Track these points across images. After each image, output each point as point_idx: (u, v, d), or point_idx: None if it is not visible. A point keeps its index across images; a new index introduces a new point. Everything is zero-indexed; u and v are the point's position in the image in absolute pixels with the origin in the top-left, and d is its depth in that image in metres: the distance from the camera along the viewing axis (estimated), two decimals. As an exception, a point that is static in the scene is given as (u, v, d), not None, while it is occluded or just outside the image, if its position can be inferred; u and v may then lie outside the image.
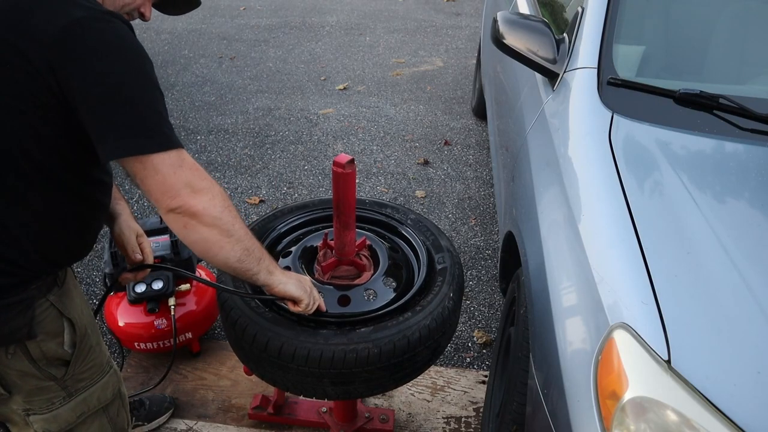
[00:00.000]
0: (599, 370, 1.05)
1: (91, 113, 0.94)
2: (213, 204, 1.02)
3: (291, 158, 3.62)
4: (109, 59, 0.94)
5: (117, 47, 0.95)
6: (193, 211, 1.00)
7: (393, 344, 1.28)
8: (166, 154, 0.97)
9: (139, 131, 0.96)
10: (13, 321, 1.04)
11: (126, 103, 0.95)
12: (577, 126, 1.57)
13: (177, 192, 0.98)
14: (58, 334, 1.13)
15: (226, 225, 1.04)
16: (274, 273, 1.19)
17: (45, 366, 1.12)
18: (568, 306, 1.24)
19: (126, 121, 0.95)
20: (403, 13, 6.72)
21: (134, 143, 0.95)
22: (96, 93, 0.93)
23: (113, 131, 0.95)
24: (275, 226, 1.64)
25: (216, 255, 1.06)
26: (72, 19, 0.92)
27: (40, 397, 1.15)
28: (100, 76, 0.93)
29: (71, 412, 1.20)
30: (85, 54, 0.92)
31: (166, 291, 1.96)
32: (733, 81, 1.76)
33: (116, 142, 0.95)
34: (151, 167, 0.96)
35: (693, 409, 0.94)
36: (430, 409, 1.99)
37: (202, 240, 1.03)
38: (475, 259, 2.79)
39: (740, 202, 1.32)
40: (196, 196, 1.00)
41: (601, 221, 1.28)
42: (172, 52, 5.38)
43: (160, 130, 0.98)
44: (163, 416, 1.90)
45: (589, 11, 1.82)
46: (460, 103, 4.43)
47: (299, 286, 1.24)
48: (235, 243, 1.06)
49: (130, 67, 0.96)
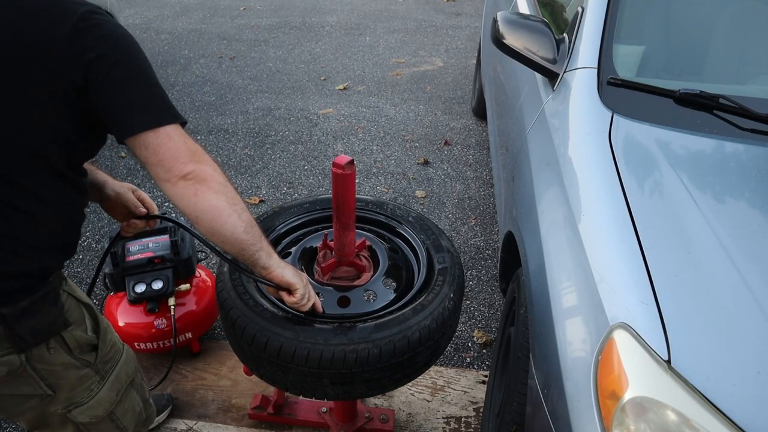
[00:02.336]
0: (599, 370, 1.05)
1: (110, 97, 1.01)
2: (218, 172, 1.08)
3: (291, 158, 3.62)
4: (118, 47, 1.02)
5: (121, 35, 1.03)
6: (203, 176, 1.04)
7: (393, 344, 1.28)
8: (175, 126, 1.05)
9: (154, 106, 1.04)
10: (51, 311, 1.10)
11: (139, 83, 1.03)
12: (577, 126, 1.57)
13: (188, 158, 1.04)
14: (82, 321, 1.19)
15: (232, 192, 1.09)
16: (273, 256, 1.21)
17: (80, 354, 1.18)
18: (568, 306, 1.24)
19: (140, 99, 1.03)
20: (403, 13, 6.73)
21: (150, 117, 1.02)
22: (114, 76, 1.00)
23: (131, 110, 1.02)
24: (275, 226, 1.64)
25: (224, 224, 1.08)
26: (80, 14, 0.99)
27: (81, 387, 1.20)
28: (115, 62, 1.00)
29: (110, 392, 1.26)
30: (98, 45, 0.99)
31: (166, 291, 1.96)
32: (733, 81, 1.76)
33: (135, 118, 1.02)
34: (165, 135, 1.02)
35: (693, 409, 0.94)
36: (430, 409, 1.99)
37: (212, 207, 1.06)
38: (475, 259, 2.79)
39: (740, 202, 1.32)
40: (203, 164, 1.05)
41: (601, 221, 1.28)
42: (172, 52, 5.38)
43: (168, 104, 1.06)
44: (162, 414, 1.90)
45: (589, 11, 1.82)
46: (460, 103, 4.43)
47: (296, 275, 1.25)
48: (242, 212, 1.10)
49: (134, 51, 1.04)
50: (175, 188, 1.04)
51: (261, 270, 1.21)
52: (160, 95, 1.06)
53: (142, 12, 6.61)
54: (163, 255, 1.98)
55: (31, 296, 1.06)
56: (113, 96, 1.01)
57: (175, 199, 1.05)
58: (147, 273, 1.98)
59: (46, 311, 1.09)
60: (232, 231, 1.09)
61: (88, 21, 0.99)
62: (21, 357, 1.08)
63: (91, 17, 1.00)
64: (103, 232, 2.89)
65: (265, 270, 1.21)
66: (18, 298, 1.04)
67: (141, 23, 6.22)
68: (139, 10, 6.69)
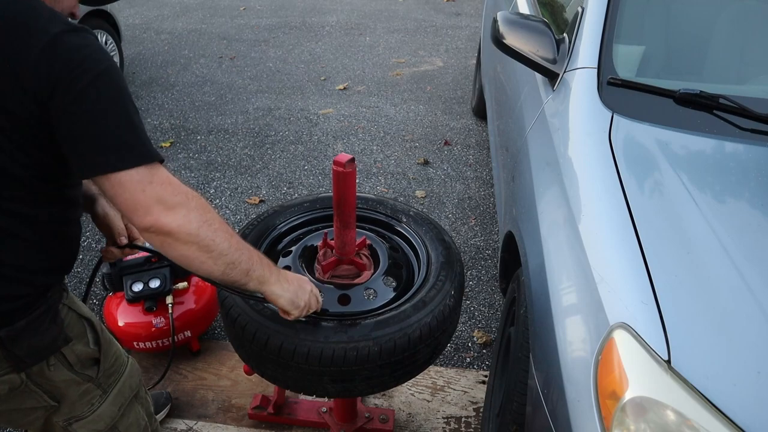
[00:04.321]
0: (599, 370, 1.05)
1: (68, 131, 0.92)
2: (188, 220, 0.96)
3: (291, 158, 3.62)
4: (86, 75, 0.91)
5: (93, 62, 0.92)
6: (166, 229, 0.95)
7: (393, 342, 1.28)
8: (134, 171, 0.92)
9: (115, 147, 0.92)
10: (50, 330, 1.06)
11: (103, 119, 0.92)
12: (577, 126, 1.57)
13: (147, 210, 0.93)
14: (83, 335, 1.16)
15: (205, 241, 0.99)
16: (265, 284, 1.14)
17: (81, 369, 1.15)
18: (568, 306, 1.24)
19: (100, 138, 0.92)
20: (403, 13, 6.73)
21: (105, 160, 0.92)
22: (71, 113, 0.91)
23: (88, 149, 0.93)
24: (276, 225, 1.64)
25: (198, 270, 1.03)
26: (50, 36, 0.90)
27: (82, 401, 1.18)
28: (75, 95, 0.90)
29: (111, 407, 1.23)
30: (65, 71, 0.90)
31: (164, 289, 1.96)
32: (733, 81, 1.76)
33: (90, 159, 0.93)
34: (117, 184, 0.92)
35: (693, 409, 0.94)
36: (430, 409, 1.99)
37: (181, 257, 1.00)
38: (475, 259, 2.79)
39: (740, 202, 1.32)
40: (169, 214, 0.94)
41: (601, 221, 1.28)
42: (172, 52, 5.38)
43: (135, 144, 0.94)
44: (161, 412, 1.90)
45: (589, 11, 1.82)
46: (460, 103, 4.43)
47: (291, 301, 1.19)
48: (217, 258, 1.02)
49: (105, 81, 0.93)
50: (142, 235, 0.97)
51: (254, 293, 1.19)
52: (123, 133, 0.93)
53: (142, 12, 6.61)
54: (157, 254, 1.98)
55: (29, 315, 1.02)
56: (69, 130, 0.92)
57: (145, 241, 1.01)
58: (144, 272, 1.98)
59: (45, 329, 1.05)
60: (208, 275, 1.04)
61: (59, 44, 0.89)
62: (21, 375, 1.06)
63: (63, 39, 0.90)
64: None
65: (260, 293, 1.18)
66: (15, 319, 1.00)
67: (141, 23, 6.21)
68: (139, 10, 6.69)
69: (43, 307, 1.05)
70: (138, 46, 5.56)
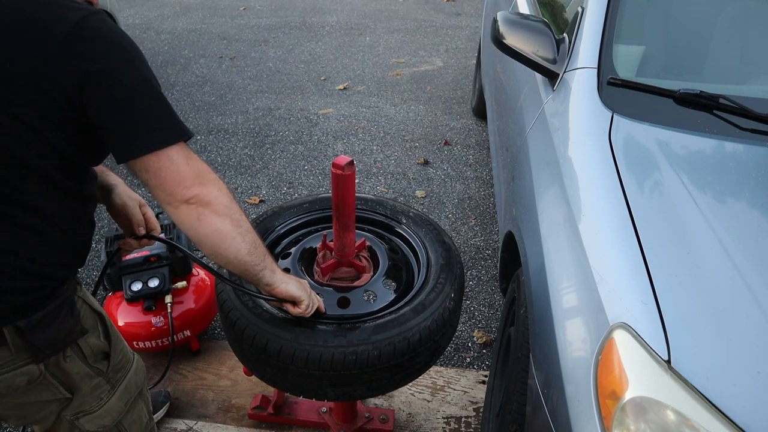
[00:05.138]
0: (599, 370, 1.05)
1: (107, 117, 0.95)
2: (223, 193, 1.03)
3: (291, 158, 3.62)
4: (115, 60, 0.94)
5: (118, 44, 0.95)
6: (207, 199, 1.00)
7: (393, 346, 1.28)
8: (179, 146, 0.98)
9: (155, 126, 0.97)
10: (67, 321, 1.08)
11: (139, 101, 0.96)
12: (577, 126, 1.57)
13: (192, 182, 0.99)
14: (95, 328, 1.18)
15: (236, 215, 1.05)
16: (276, 272, 1.19)
17: (93, 362, 1.17)
18: (568, 306, 1.24)
19: (140, 119, 0.96)
20: (403, 13, 6.73)
21: (150, 139, 0.96)
22: (110, 96, 0.94)
23: (129, 131, 0.96)
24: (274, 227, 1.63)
25: (228, 247, 1.05)
26: (72, 23, 0.91)
27: (92, 395, 1.19)
28: (112, 78, 0.93)
29: (119, 402, 1.24)
30: (93, 58, 0.91)
31: (162, 289, 1.96)
32: (733, 81, 1.76)
33: (134, 140, 0.96)
34: (166, 159, 0.97)
35: (693, 409, 0.94)
36: (430, 409, 1.99)
37: (215, 231, 1.03)
38: (475, 259, 2.79)
39: (740, 202, 1.32)
40: (206, 186, 1.01)
41: (601, 221, 1.28)
42: (172, 52, 5.38)
43: (171, 121, 0.99)
44: (160, 411, 1.90)
45: (589, 11, 1.81)
46: (460, 103, 4.42)
47: (300, 287, 1.25)
48: (245, 233, 1.07)
49: (134, 62, 0.96)
50: (178, 212, 1.01)
51: (265, 287, 1.20)
52: (162, 111, 0.98)
53: (142, 12, 6.61)
54: (159, 253, 1.98)
55: (46, 307, 1.04)
56: (110, 116, 0.94)
57: (178, 222, 1.03)
58: (143, 271, 1.99)
59: (63, 320, 1.07)
60: (235, 254, 1.07)
61: (81, 30, 0.91)
62: (40, 366, 1.07)
63: (84, 25, 0.91)
64: (103, 232, 2.89)
65: (269, 287, 1.20)
66: (33, 311, 1.02)
67: (141, 23, 6.21)
68: (139, 10, 6.69)
69: (60, 298, 1.06)
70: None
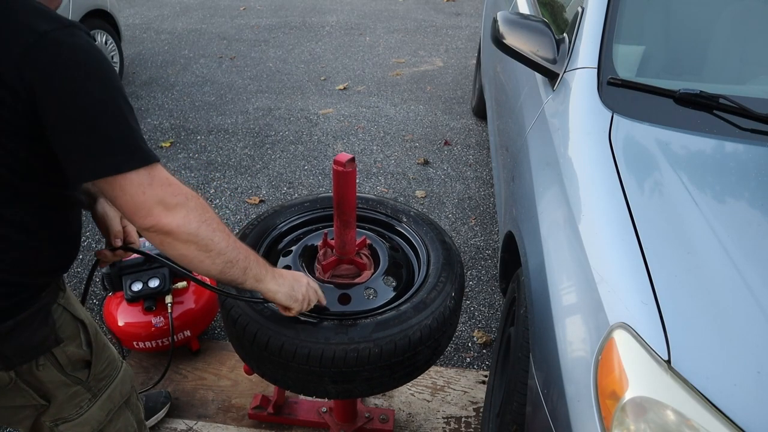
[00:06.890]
0: (599, 370, 1.05)
1: (61, 136, 0.90)
2: (188, 220, 0.98)
3: (291, 158, 3.62)
4: (76, 76, 0.88)
5: (83, 62, 0.89)
6: (166, 229, 0.96)
7: (394, 343, 1.28)
8: (135, 173, 0.92)
9: (111, 150, 0.91)
10: (40, 330, 1.06)
11: (96, 122, 0.90)
12: (577, 126, 1.57)
13: (148, 211, 0.95)
14: (76, 336, 1.15)
15: (204, 240, 1.01)
16: (262, 281, 1.16)
17: (71, 371, 1.15)
18: (568, 306, 1.24)
19: (95, 142, 0.91)
20: (403, 13, 6.73)
21: (103, 164, 0.91)
22: (63, 115, 0.89)
23: (84, 154, 0.91)
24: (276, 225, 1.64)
25: (196, 268, 1.05)
26: (38, 35, 0.86)
27: (70, 403, 1.17)
28: (68, 96, 0.88)
29: (100, 412, 1.22)
30: (51, 73, 0.87)
31: (163, 289, 1.96)
32: (733, 81, 1.76)
33: (87, 164, 0.92)
34: (118, 187, 0.93)
35: (693, 409, 0.94)
36: (430, 409, 1.99)
37: (181, 256, 1.01)
38: (475, 259, 2.79)
39: (740, 202, 1.32)
40: (169, 214, 0.96)
41: (601, 221, 1.28)
42: (172, 52, 5.38)
43: (131, 146, 0.93)
44: (160, 411, 1.90)
45: (589, 11, 1.82)
46: (460, 103, 4.43)
47: (289, 295, 1.21)
48: (216, 257, 1.04)
49: (96, 80, 0.90)
50: (143, 233, 0.99)
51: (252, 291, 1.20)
52: (119, 135, 0.91)
53: (142, 12, 6.61)
54: (159, 253, 1.98)
55: (18, 315, 1.01)
56: (62, 135, 0.90)
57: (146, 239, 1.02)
58: (143, 271, 1.98)
59: (36, 329, 1.04)
60: (206, 273, 1.06)
61: (44, 43, 0.86)
62: (10, 374, 1.06)
63: (51, 38, 0.86)
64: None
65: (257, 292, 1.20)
66: (4, 318, 1.00)
67: (141, 23, 6.21)
68: (139, 10, 6.69)
69: (33, 307, 1.04)
70: (138, 46, 5.56)
